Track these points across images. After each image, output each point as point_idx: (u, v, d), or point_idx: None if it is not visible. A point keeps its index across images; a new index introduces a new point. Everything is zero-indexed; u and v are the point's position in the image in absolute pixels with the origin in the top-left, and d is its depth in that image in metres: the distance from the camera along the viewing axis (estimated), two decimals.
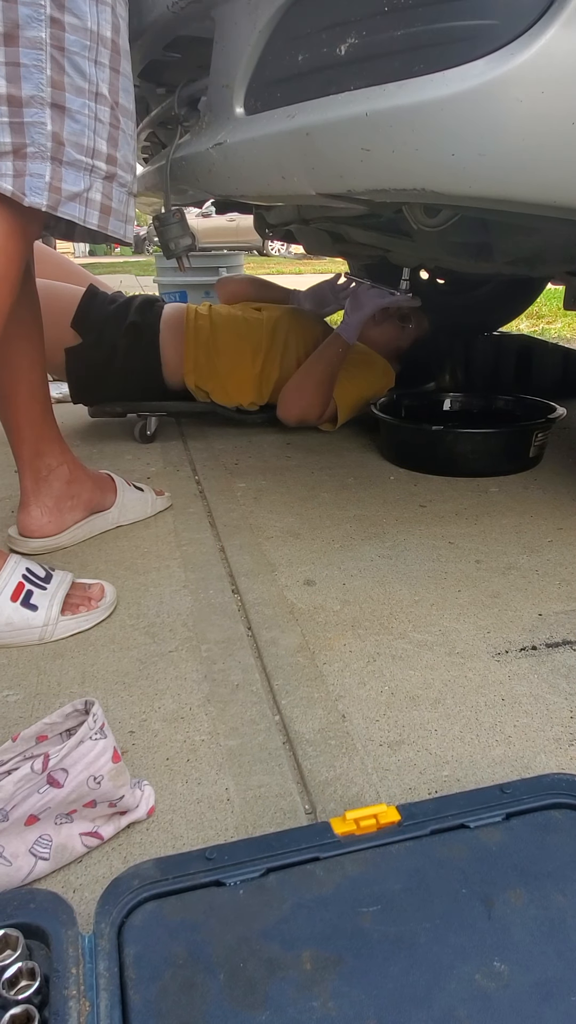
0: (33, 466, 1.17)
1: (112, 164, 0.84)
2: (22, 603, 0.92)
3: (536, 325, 4.07)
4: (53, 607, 0.94)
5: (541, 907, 0.49)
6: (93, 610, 0.98)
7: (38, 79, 0.75)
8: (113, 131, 0.83)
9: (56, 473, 1.18)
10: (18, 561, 0.96)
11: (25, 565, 0.96)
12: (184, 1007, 0.43)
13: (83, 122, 0.79)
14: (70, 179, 0.80)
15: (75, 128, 0.79)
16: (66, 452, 1.20)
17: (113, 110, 0.82)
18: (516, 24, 0.65)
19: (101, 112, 0.81)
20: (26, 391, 1.12)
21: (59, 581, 0.97)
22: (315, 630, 0.95)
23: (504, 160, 0.69)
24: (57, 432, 1.20)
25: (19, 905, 0.49)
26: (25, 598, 0.93)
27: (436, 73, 0.68)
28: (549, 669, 0.86)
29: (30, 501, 1.18)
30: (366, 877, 0.51)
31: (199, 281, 3.14)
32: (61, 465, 1.19)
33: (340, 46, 0.75)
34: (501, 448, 1.56)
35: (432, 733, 0.76)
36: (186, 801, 0.67)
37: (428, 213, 1.00)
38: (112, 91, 0.82)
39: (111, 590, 1.02)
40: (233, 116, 0.89)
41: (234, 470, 1.60)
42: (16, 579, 0.93)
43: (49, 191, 0.79)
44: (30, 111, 0.76)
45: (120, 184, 0.86)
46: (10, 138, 0.76)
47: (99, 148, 0.82)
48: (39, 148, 0.77)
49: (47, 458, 1.18)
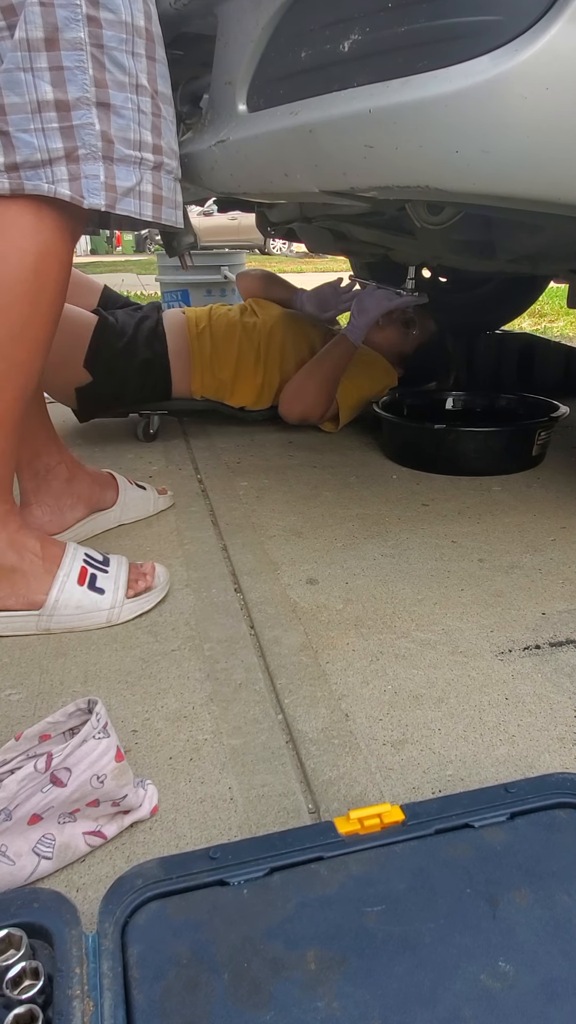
0: (32, 466, 1.17)
1: (159, 153, 0.85)
2: (89, 587, 0.95)
3: (538, 323, 4.06)
4: (119, 589, 0.97)
5: (546, 907, 0.49)
6: (152, 588, 1.00)
7: (82, 80, 0.76)
8: (156, 120, 0.84)
9: (55, 472, 1.18)
10: (76, 547, 0.99)
11: (83, 551, 0.99)
12: (188, 1007, 0.43)
13: (128, 116, 0.80)
14: (122, 175, 0.81)
15: (121, 124, 0.80)
16: (63, 451, 1.20)
17: (154, 99, 0.83)
18: (520, 20, 0.65)
19: (143, 103, 0.82)
20: None
21: (118, 564, 1.00)
22: (318, 629, 0.95)
23: (508, 157, 0.69)
24: (54, 432, 1.20)
25: (23, 904, 0.49)
26: (91, 582, 0.95)
27: (440, 70, 0.67)
28: (553, 668, 0.86)
29: (31, 501, 1.18)
30: (370, 877, 0.51)
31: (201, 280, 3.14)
32: (59, 464, 1.19)
33: (343, 42, 0.74)
34: (504, 447, 1.56)
35: (436, 732, 0.76)
36: (189, 800, 0.67)
37: (431, 211, 1.00)
38: (151, 80, 0.82)
39: (163, 569, 1.04)
40: (236, 113, 0.89)
41: (236, 469, 1.59)
42: (79, 564, 0.96)
43: (106, 190, 0.80)
44: (78, 113, 0.77)
45: (167, 171, 0.87)
46: (62, 143, 0.77)
47: (145, 139, 0.83)
48: (90, 149, 0.78)
49: (45, 458, 1.17)
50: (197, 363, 1.75)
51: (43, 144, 0.77)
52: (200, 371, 1.75)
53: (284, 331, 1.83)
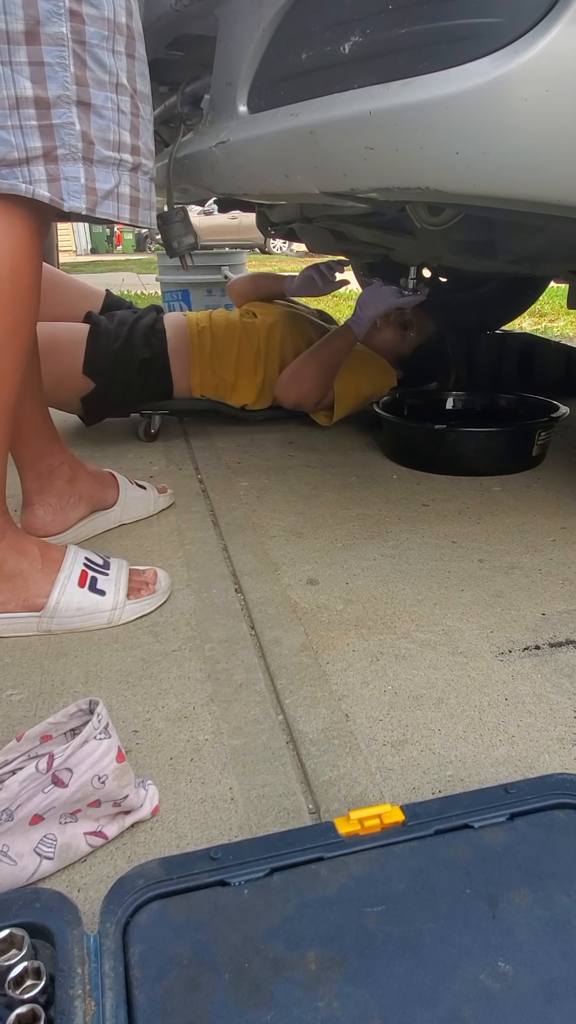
0: (35, 467, 1.17)
1: (136, 154, 0.83)
2: (90, 589, 0.95)
3: (539, 323, 4.06)
4: (120, 591, 0.97)
5: (545, 907, 0.49)
6: (153, 594, 1.01)
7: (63, 77, 0.74)
8: (135, 120, 0.82)
9: (57, 472, 1.19)
10: (77, 551, 0.99)
11: (84, 554, 1.00)
12: (189, 1006, 0.43)
13: (108, 116, 0.78)
14: (102, 177, 0.79)
15: (101, 124, 0.78)
16: (65, 451, 1.21)
17: (133, 98, 0.81)
18: (520, 22, 0.65)
19: (123, 103, 0.79)
20: (26, 393, 1.12)
21: (118, 567, 1.01)
22: (318, 629, 0.95)
23: (508, 159, 0.69)
24: (56, 432, 1.20)
25: (24, 904, 0.49)
26: (91, 584, 0.96)
27: (440, 72, 0.67)
28: (552, 669, 0.86)
29: (33, 500, 1.18)
30: (370, 877, 0.51)
31: (201, 279, 3.14)
32: (62, 464, 1.19)
33: (344, 44, 0.74)
34: (504, 447, 1.56)
35: (436, 733, 0.76)
36: (190, 800, 0.67)
37: (431, 211, 1.00)
38: (131, 79, 0.80)
39: (164, 575, 1.05)
40: (236, 114, 0.89)
41: (237, 469, 1.59)
42: (79, 567, 0.97)
43: (86, 193, 0.78)
44: (58, 111, 0.75)
45: (144, 172, 0.85)
46: (40, 142, 0.75)
47: (124, 140, 0.81)
48: (70, 149, 0.76)
49: (48, 458, 1.18)
50: (197, 361, 1.75)
51: (20, 142, 0.74)
52: (200, 369, 1.76)
53: (284, 329, 1.84)
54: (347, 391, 1.79)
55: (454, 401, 1.87)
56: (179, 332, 1.76)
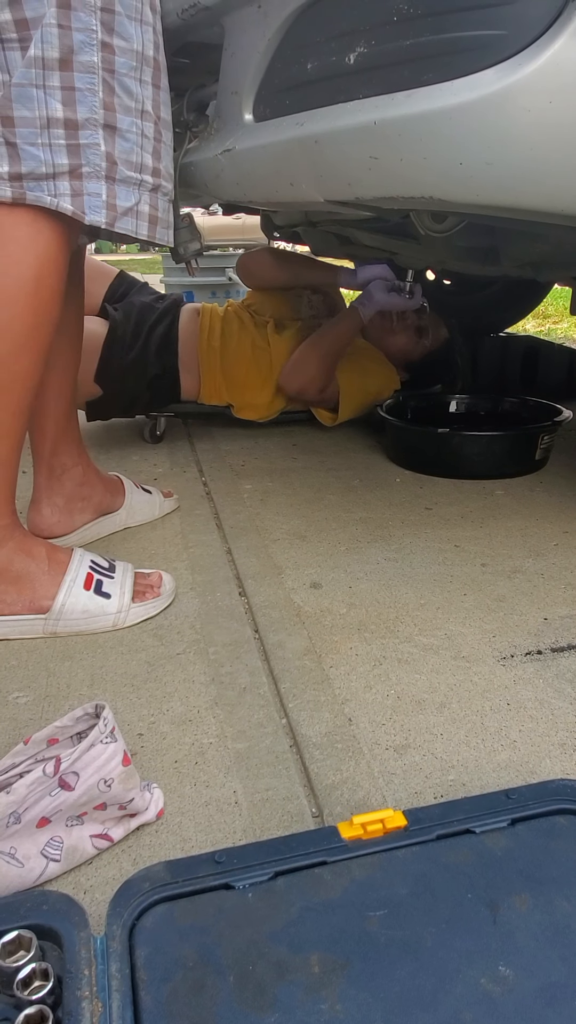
0: (49, 463, 1.18)
1: (157, 176, 0.88)
2: (95, 591, 0.96)
3: (542, 325, 4.06)
4: (125, 594, 0.98)
5: (546, 912, 0.50)
6: (158, 597, 1.01)
7: (91, 102, 0.79)
8: (157, 145, 0.87)
9: (70, 473, 1.20)
10: (83, 554, 1.01)
11: (89, 557, 1.01)
12: (195, 1008, 0.44)
13: (132, 140, 0.84)
14: (122, 195, 0.84)
15: (125, 147, 0.83)
16: (83, 454, 1.22)
17: (156, 125, 0.87)
18: (525, 34, 0.66)
19: (147, 128, 0.85)
20: (56, 388, 1.14)
21: (123, 570, 1.01)
22: (322, 633, 0.96)
23: (511, 169, 0.69)
24: (78, 434, 1.22)
25: (32, 907, 0.50)
26: (97, 587, 0.97)
27: (444, 82, 0.68)
28: (554, 674, 0.87)
29: (41, 498, 1.19)
30: (373, 881, 0.52)
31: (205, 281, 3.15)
32: (76, 466, 1.21)
33: (349, 55, 0.75)
34: (507, 451, 1.57)
35: (438, 737, 0.76)
36: (194, 804, 0.68)
37: (435, 219, 1.01)
38: (155, 107, 0.86)
39: (169, 578, 1.05)
40: (242, 123, 0.90)
41: (240, 471, 1.60)
42: (85, 570, 0.98)
43: (107, 209, 0.83)
44: (85, 133, 0.80)
45: (163, 194, 0.91)
46: (67, 159, 0.80)
47: (146, 163, 0.86)
48: (94, 168, 0.81)
49: (63, 457, 1.19)
50: (207, 378, 1.76)
51: (49, 159, 0.79)
52: (209, 382, 1.77)
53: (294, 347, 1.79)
54: (353, 398, 1.78)
55: (457, 404, 1.87)
56: (190, 344, 1.75)
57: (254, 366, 1.77)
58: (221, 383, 1.77)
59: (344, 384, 1.76)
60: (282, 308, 1.89)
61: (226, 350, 1.76)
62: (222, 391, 1.79)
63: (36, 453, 1.18)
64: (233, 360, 1.76)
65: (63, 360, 1.13)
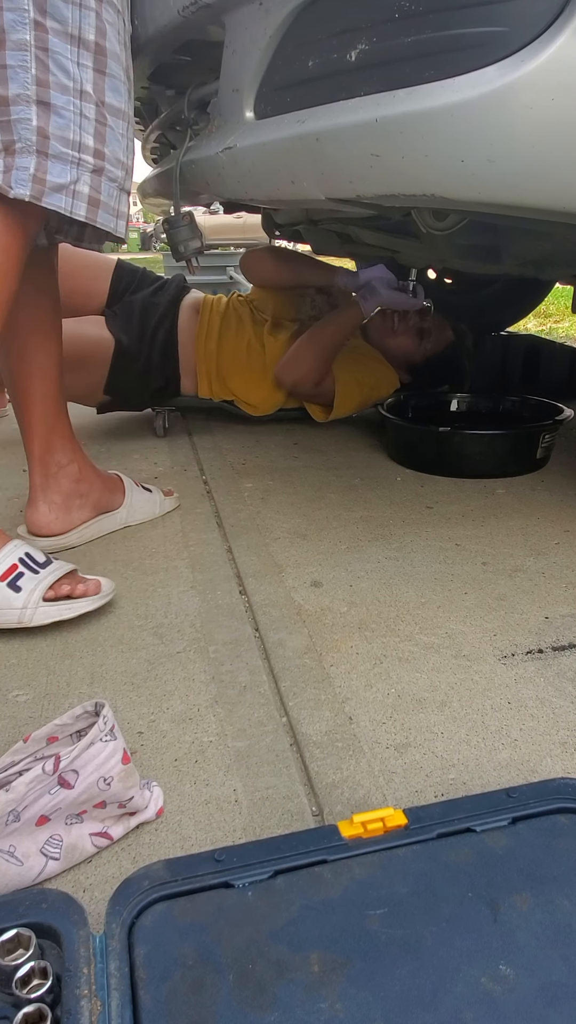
0: (43, 462, 1.18)
1: (100, 159, 0.86)
2: (8, 584, 0.94)
3: (544, 324, 4.06)
4: (36, 591, 0.94)
5: (547, 911, 0.49)
6: (78, 600, 0.97)
7: (23, 78, 0.78)
8: (100, 127, 0.85)
9: (66, 471, 1.19)
10: (18, 545, 0.97)
11: (26, 550, 0.97)
12: (194, 1007, 0.44)
13: (68, 117, 0.82)
14: (55, 171, 0.82)
15: (60, 123, 0.81)
16: (77, 451, 1.21)
17: (99, 107, 0.85)
18: (527, 31, 0.66)
19: (87, 109, 0.83)
20: (40, 387, 1.13)
21: (53, 569, 0.97)
22: (322, 632, 0.96)
23: (513, 166, 0.69)
24: (69, 430, 1.21)
25: (31, 905, 0.49)
26: (14, 579, 0.94)
27: (446, 80, 0.68)
28: (555, 672, 0.87)
29: (38, 497, 1.19)
30: (373, 880, 0.52)
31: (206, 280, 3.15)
32: (71, 463, 1.20)
33: (351, 52, 0.75)
34: (508, 450, 1.56)
35: (438, 736, 0.76)
36: (194, 802, 0.68)
37: (437, 216, 1.01)
38: (97, 90, 0.84)
39: (108, 586, 1.01)
40: (243, 120, 0.89)
41: (241, 470, 1.60)
42: (11, 560, 0.95)
43: (32, 182, 0.81)
44: (16, 108, 0.79)
45: (110, 179, 0.88)
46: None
47: (86, 143, 0.84)
48: (25, 143, 0.80)
49: (58, 455, 1.18)
50: (204, 378, 1.80)
51: None
52: (208, 383, 1.80)
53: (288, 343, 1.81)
54: (349, 399, 1.77)
55: (458, 403, 1.87)
56: (188, 348, 1.77)
57: (247, 366, 1.78)
58: (216, 383, 1.80)
59: (340, 379, 1.74)
60: (284, 307, 1.88)
61: (222, 351, 1.77)
62: (218, 391, 1.82)
63: (29, 453, 1.18)
64: (229, 359, 1.78)
65: (43, 358, 1.12)
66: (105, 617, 1.00)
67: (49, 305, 1.11)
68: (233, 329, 1.79)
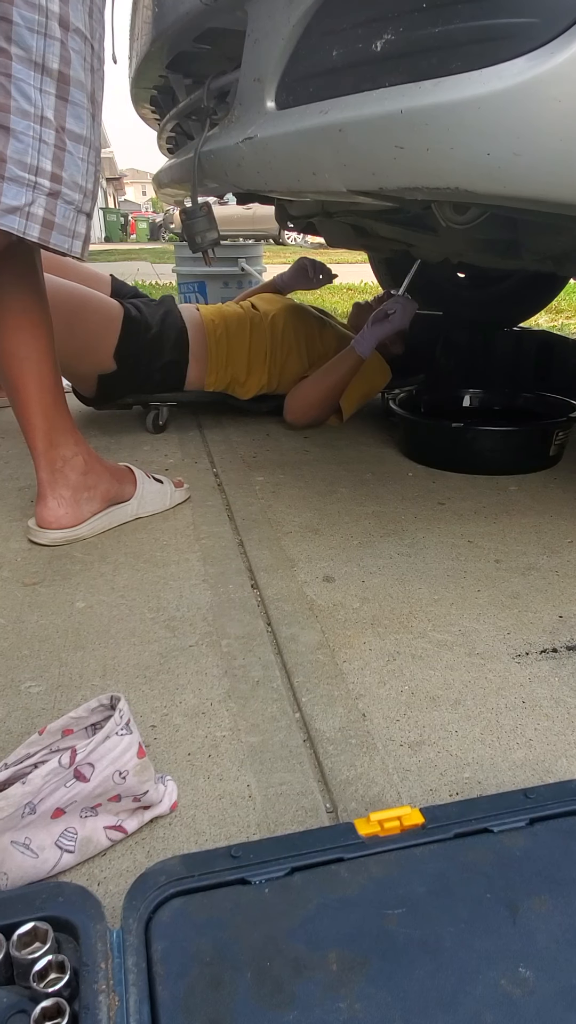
0: (48, 457, 1.17)
1: (56, 182, 0.89)
2: None
3: (556, 320, 4.03)
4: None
5: (566, 914, 0.49)
6: None
7: None
8: (59, 152, 0.88)
9: (71, 464, 1.19)
10: None
11: None
12: (212, 1004, 0.43)
13: (27, 142, 0.84)
14: (10, 194, 0.85)
15: (19, 147, 0.84)
16: (81, 443, 1.21)
17: (59, 133, 0.87)
18: (556, 23, 0.64)
19: (46, 134, 0.86)
20: (35, 382, 1.13)
21: None
22: (334, 627, 0.96)
23: (540, 160, 0.68)
24: (71, 423, 1.20)
25: (48, 898, 0.49)
26: None
27: (473, 71, 0.67)
28: (570, 672, 0.86)
29: (46, 492, 1.18)
30: (390, 879, 0.52)
31: (218, 271, 3.13)
32: (76, 456, 1.19)
33: (376, 42, 0.74)
34: (521, 446, 1.56)
35: (453, 734, 0.76)
36: (208, 797, 0.68)
37: (457, 210, 0.99)
38: (58, 116, 0.86)
39: None
40: (264, 110, 0.88)
41: (252, 463, 1.60)
42: None
43: None
44: None
45: (66, 201, 0.91)
46: None
47: (43, 167, 0.87)
48: None
49: (61, 449, 1.18)
50: (213, 365, 1.78)
51: None
52: (216, 370, 1.79)
53: (287, 318, 1.87)
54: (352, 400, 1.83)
55: (471, 399, 1.86)
56: (198, 336, 1.77)
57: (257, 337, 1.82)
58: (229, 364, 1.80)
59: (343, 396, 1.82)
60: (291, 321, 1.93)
61: (231, 328, 1.80)
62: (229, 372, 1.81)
63: (33, 449, 1.17)
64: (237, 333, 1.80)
65: (34, 352, 1.11)
66: (117, 609, 1.00)
67: (34, 299, 1.10)
68: (234, 314, 1.86)
